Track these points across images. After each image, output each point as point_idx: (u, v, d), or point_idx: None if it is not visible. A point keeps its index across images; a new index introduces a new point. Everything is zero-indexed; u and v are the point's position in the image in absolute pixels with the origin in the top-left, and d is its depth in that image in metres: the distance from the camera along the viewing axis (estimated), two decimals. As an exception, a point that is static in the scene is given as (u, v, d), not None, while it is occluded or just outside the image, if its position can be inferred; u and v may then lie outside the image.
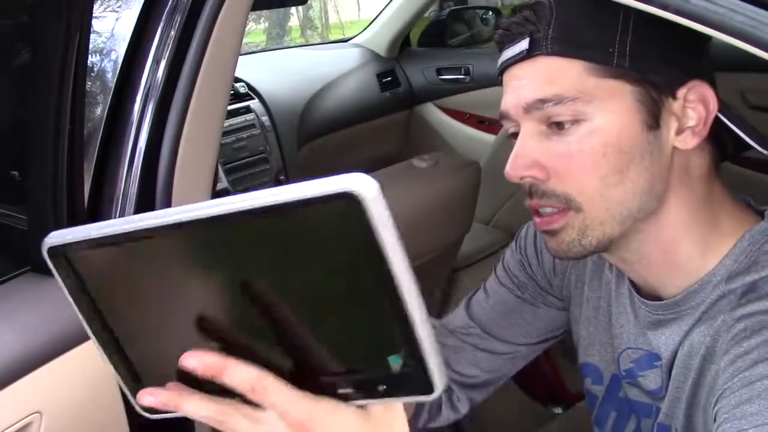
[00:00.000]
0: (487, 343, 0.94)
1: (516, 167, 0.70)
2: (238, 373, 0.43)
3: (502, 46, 0.73)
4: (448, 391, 0.95)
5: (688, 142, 0.68)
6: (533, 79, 0.69)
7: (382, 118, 2.50)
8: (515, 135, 0.72)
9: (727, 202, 0.73)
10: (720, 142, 0.71)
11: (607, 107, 0.66)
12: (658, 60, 0.67)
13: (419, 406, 0.93)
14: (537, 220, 0.73)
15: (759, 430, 0.57)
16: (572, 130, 0.67)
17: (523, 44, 0.69)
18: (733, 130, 0.69)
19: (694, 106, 0.68)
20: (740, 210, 0.73)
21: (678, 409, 0.74)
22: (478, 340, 0.94)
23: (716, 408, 0.63)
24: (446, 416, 0.96)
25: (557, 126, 0.68)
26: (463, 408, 0.96)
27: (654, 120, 0.67)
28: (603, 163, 0.67)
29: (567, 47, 0.67)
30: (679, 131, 0.68)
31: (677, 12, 0.57)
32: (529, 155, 0.69)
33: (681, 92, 0.68)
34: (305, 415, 0.43)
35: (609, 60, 0.66)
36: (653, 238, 0.71)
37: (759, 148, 0.68)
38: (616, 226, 0.69)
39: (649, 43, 0.66)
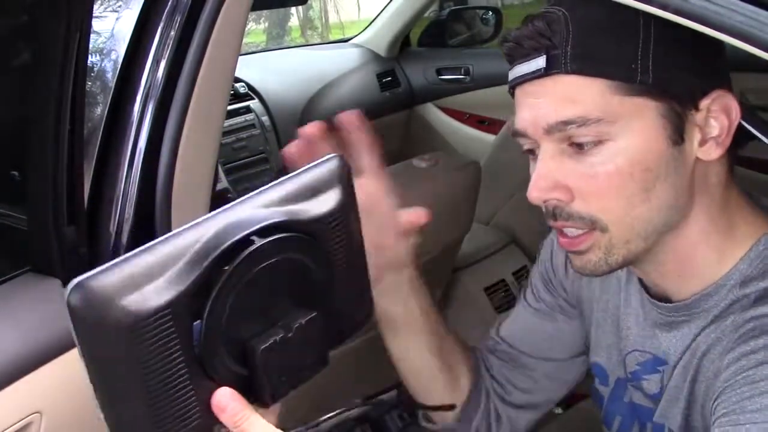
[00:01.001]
0: (517, 361, 0.92)
1: (539, 189, 0.68)
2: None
3: (512, 59, 0.70)
4: (497, 420, 0.92)
5: (712, 153, 0.67)
6: (552, 99, 0.66)
7: (382, 118, 2.49)
8: (530, 152, 0.71)
9: (743, 206, 0.72)
10: (737, 146, 0.70)
11: (632, 126, 0.65)
12: (680, 72, 0.65)
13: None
14: (562, 240, 0.71)
15: (757, 427, 0.57)
16: (595, 151, 0.65)
17: (540, 61, 0.66)
18: (748, 131, 0.68)
19: (717, 116, 0.66)
20: (756, 213, 0.72)
21: (676, 408, 0.74)
22: (510, 358, 0.92)
23: (716, 403, 0.63)
24: None
25: (578, 146, 0.66)
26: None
27: (678, 135, 0.66)
28: (629, 183, 0.65)
29: (588, 65, 0.64)
30: (703, 142, 0.67)
31: (677, 12, 0.57)
32: (551, 176, 0.67)
33: (704, 103, 0.66)
34: None
35: (632, 77, 0.64)
36: (672, 248, 0.70)
37: None
38: (641, 242, 0.68)
39: (670, 55, 0.65)
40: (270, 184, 0.57)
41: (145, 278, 0.50)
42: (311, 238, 0.56)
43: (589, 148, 0.66)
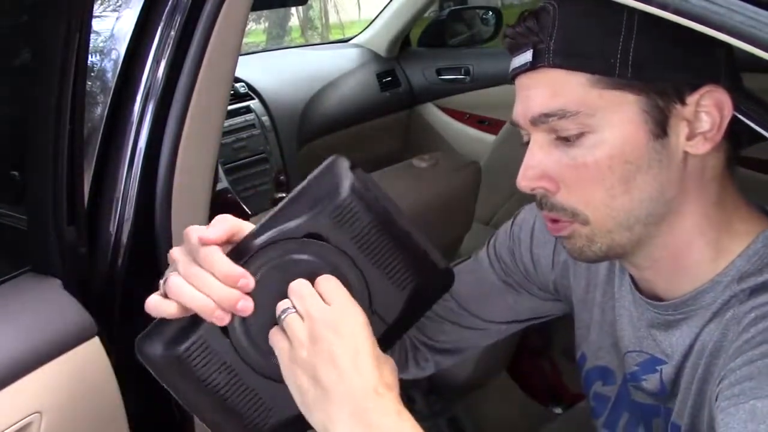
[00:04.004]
0: (458, 317, 0.94)
1: (526, 178, 0.70)
2: None
3: (510, 52, 0.72)
4: (414, 349, 0.96)
5: (700, 147, 0.67)
6: (538, 92, 0.68)
7: (382, 118, 2.50)
8: (528, 143, 0.73)
9: (740, 203, 0.72)
10: (736, 138, 0.70)
11: (611, 119, 0.66)
12: (664, 67, 0.66)
13: None
14: (549, 226, 0.73)
15: (759, 402, 0.57)
16: (578, 143, 0.67)
17: (527, 55, 0.68)
18: (752, 129, 0.67)
19: (708, 111, 0.66)
20: (753, 211, 0.72)
21: (685, 408, 0.74)
22: (450, 313, 0.94)
23: (717, 389, 0.63)
24: (413, 373, 0.98)
25: (564, 137, 0.68)
26: (429, 369, 0.98)
27: (660, 129, 0.66)
28: (608, 175, 0.67)
29: (569, 59, 0.66)
30: (690, 137, 0.67)
31: (676, 12, 0.57)
32: (538, 166, 0.70)
33: (692, 98, 0.66)
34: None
35: (611, 71, 0.65)
36: (666, 243, 0.71)
37: None
38: (624, 232, 0.69)
39: (654, 50, 0.65)
40: (267, 215, 0.65)
41: (174, 324, 0.63)
42: (310, 238, 0.64)
43: (573, 140, 0.67)
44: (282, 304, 0.62)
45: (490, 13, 2.70)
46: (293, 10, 7.26)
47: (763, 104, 0.68)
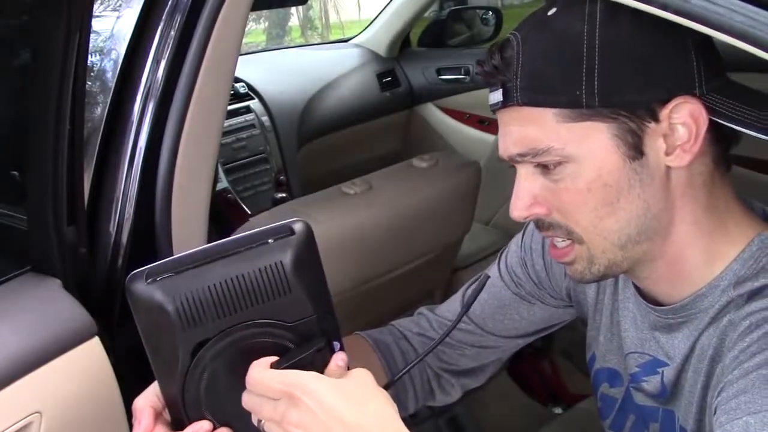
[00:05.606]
0: (477, 338, 0.95)
1: (518, 208, 0.72)
2: None
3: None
4: (437, 377, 0.97)
5: (680, 160, 0.67)
6: (512, 129, 0.70)
7: (382, 118, 2.49)
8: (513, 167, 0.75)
9: (734, 205, 0.72)
10: (723, 139, 0.70)
11: (584, 149, 0.67)
12: (631, 89, 0.66)
13: (402, 391, 0.94)
14: (552, 251, 0.75)
15: (752, 417, 0.58)
16: (558, 171, 0.69)
17: (498, 95, 0.70)
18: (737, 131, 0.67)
19: (683, 122, 0.66)
20: (748, 215, 0.73)
21: (690, 413, 0.74)
22: (469, 336, 0.95)
23: (716, 401, 0.63)
24: (441, 399, 0.99)
25: (544, 166, 0.70)
26: (456, 393, 0.99)
27: (635, 150, 0.67)
28: (590, 199, 0.68)
29: (535, 96, 0.67)
30: (669, 151, 0.67)
31: (677, 12, 0.57)
32: (526, 195, 0.72)
33: (664, 113, 0.66)
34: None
35: (578, 103, 0.66)
36: (660, 253, 0.72)
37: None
38: (618, 251, 0.71)
39: (618, 74, 0.66)
40: None
41: None
42: (198, 349, 0.62)
43: (552, 168, 0.69)
44: (253, 419, 0.62)
45: (490, 13, 2.70)
46: (293, 10, 7.27)
47: (747, 99, 0.66)
